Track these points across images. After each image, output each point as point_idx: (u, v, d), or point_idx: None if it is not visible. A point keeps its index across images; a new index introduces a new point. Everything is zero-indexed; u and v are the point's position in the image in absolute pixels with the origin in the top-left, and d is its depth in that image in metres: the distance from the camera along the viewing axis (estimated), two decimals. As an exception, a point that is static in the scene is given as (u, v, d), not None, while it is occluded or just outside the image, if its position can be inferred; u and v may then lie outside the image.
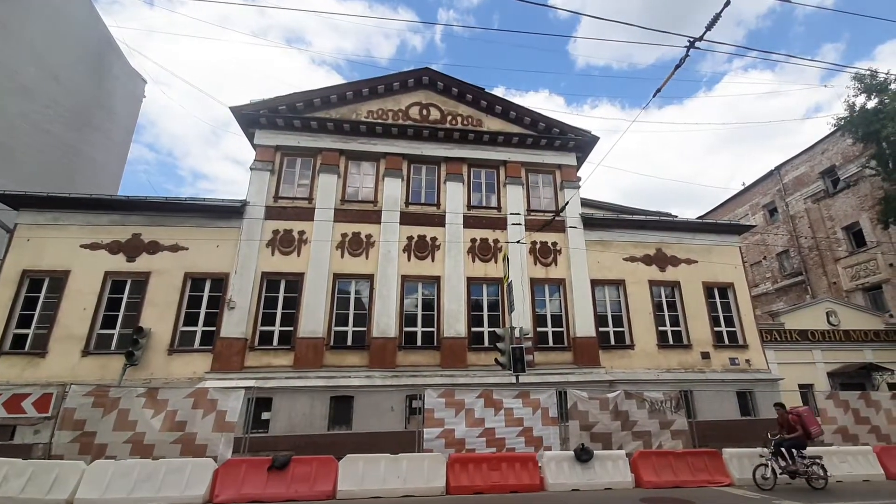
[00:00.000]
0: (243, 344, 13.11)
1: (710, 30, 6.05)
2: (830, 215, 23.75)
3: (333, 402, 12.87)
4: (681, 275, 16.80)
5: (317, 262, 14.15)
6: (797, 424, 9.36)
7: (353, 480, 8.76)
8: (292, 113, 15.26)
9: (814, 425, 9.34)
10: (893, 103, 18.49)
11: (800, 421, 9.35)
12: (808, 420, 9.34)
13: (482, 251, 15.60)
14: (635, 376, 14.87)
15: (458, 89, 16.92)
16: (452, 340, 14.29)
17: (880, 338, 17.94)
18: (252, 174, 14.77)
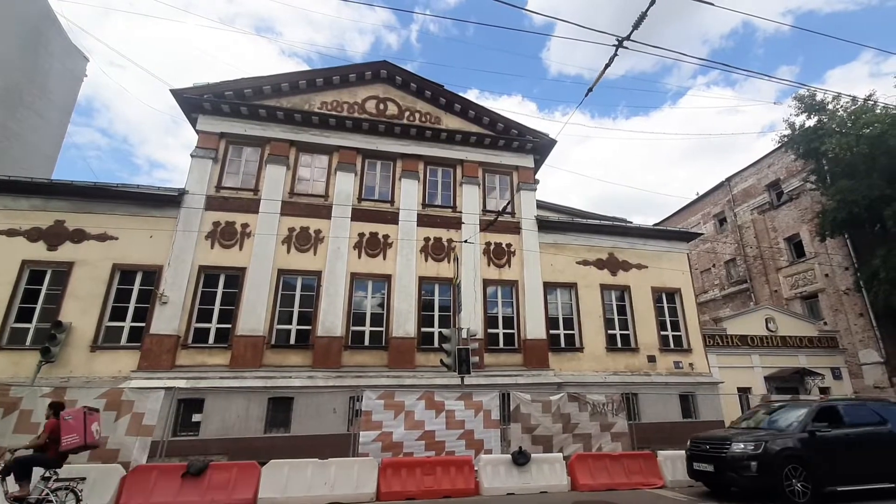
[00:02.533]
0: (175, 341, 12.35)
1: (636, 29, 6.02)
2: (774, 226, 24.84)
3: (272, 403, 12.31)
4: (631, 279, 17.09)
5: (260, 256, 13.52)
6: (53, 433, 6.48)
7: (276, 487, 8.31)
8: (239, 99, 14.54)
9: (72, 433, 6.45)
10: (831, 122, 19.48)
11: (56, 428, 6.47)
12: (68, 427, 6.45)
13: (436, 250, 15.35)
14: (583, 379, 14.98)
15: (417, 85, 16.63)
16: (401, 341, 13.98)
17: (814, 344, 18.85)
18: (192, 161, 13.97)
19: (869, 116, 17.97)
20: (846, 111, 19.36)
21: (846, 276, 20.59)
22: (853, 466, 8.07)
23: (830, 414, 8.54)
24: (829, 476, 7.83)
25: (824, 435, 8.11)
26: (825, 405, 8.80)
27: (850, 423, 8.47)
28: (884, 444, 8.43)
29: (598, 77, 7.13)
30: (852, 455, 8.14)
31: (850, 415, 8.65)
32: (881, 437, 8.47)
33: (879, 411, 8.89)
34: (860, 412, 8.80)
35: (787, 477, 7.61)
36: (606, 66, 6.77)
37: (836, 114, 19.57)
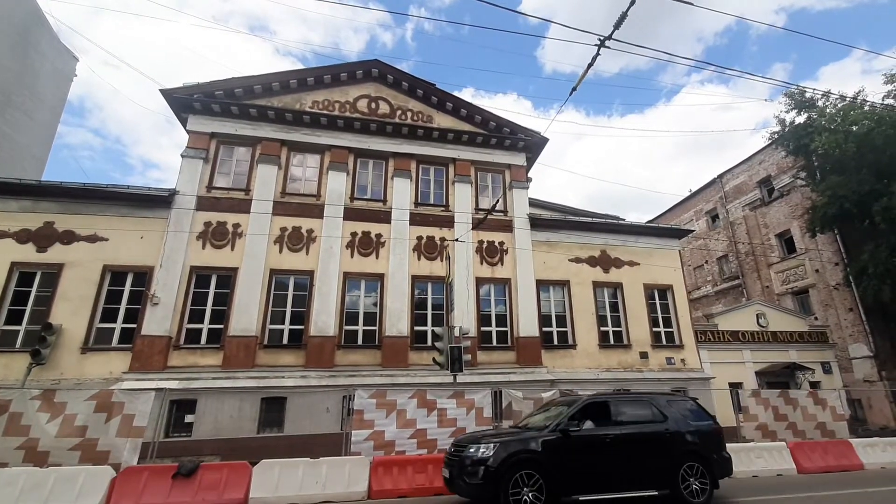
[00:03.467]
0: (167, 342, 12.32)
1: (617, 28, 6.07)
2: (766, 223, 25.02)
3: (265, 403, 12.30)
4: (624, 276, 17.18)
5: (252, 256, 13.50)
6: None
7: (267, 487, 8.31)
8: (230, 99, 14.50)
9: None
10: (821, 119, 19.64)
11: None
12: None
13: (428, 249, 15.37)
14: (576, 376, 15.06)
15: (408, 84, 16.62)
16: (394, 339, 14.00)
17: (804, 339, 19.03)
18: (183, 162, 13.92)
19: (857, 114, 18.12)
20: (835, 108, 19.53)
21: (836, 272, 20.78)
22: (612, 471, 7.13)
23: (599, 410, 7.67)
24: (574, 483, 6.86)
25: (579, 435, 7.14)
26: (593, 400, 7.90)
27: (620, 420, 7.62)
28: (654, 445, 7.47)
29: (582, 76, 7.20)
30: (612, 458, 7.19)
31: (623, 411, 7.77)
32: (653, 437, 7.53)
33: (662, 407, 7.96)
34: (636, 408, 7.91)
35: (518, 484, 6.59)
36: (589, 65, 6.85)
37: (825, 111, 19.72)
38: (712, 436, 7.94)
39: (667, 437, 7.59)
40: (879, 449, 11.61)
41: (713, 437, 7.95)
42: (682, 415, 7.98)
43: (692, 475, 7.33)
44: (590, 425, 7.42)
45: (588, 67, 7.05)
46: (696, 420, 8.04)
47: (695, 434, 7.76)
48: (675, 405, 8.15)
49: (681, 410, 8.06)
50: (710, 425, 8.08)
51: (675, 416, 7.87)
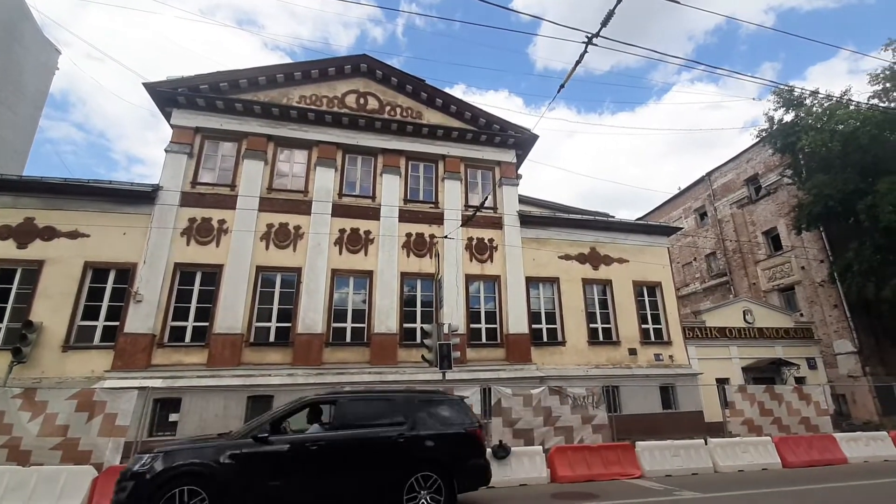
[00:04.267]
0: (150, 340, 12.11)
1: (605, 26, 6.03)
2: (753, 220, 25.28)
3: (251, 401, 12.15)
4: (613, 273, 17.24)
5: (238, 253, 13.31)
6: None
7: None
8: (215, 93, 14.25)
9: None
10: (808, 118, 19.84)
11: None
12: None
13: (418, 246, 15.29)
14: (565, 372, 15.08)
15: (397, 79, 16.49)
16: (383, 337, 13.91)
17: (790, 335, 19.28)
18: (167, 157, 13.66)
19: (843, 113, 18.31)
20: (822, 108, 19.73)
21: (821, 269, 21.06)
22: (318, 485, 6.06)
23: (321, 412, 6.86)
24: (260, 502, 5.85)
25: (282, 442, 6.12)
26: (316, 400, 6.89)
27: (350, 424, 6.52)
28: (380, 453, 6.41)
29: (570, 73, 7.16)
30: (320, 469, 6.11)
31: (356, 413, 6.65)
32: (379, 444, 6.45)
33: (407, 408, 6.89)
34: (375, 409, 6.83)
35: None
36: (577, 62, 6.81)
37: (812, 110, 19.92)
38: (462, 441, 6.88)
39: (399, 443, 6.51)
40: (862, 443, 11.77)
41: (464, 442, 6.90)
42: (433, 417, 6.97)
43: (424, 487, 6.37)
44: (316, 429, 6.51)
45: (576, 65, 7.00)
46: (449, 423, 6.99)
47: (438, 439, 6.72)
48: (427, 406, 7.09)
49: (432, 412, 7.03)
50: (464, 428, 6.98)
51: (422, 418, 6.86)
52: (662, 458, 10.15)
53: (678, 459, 10.19)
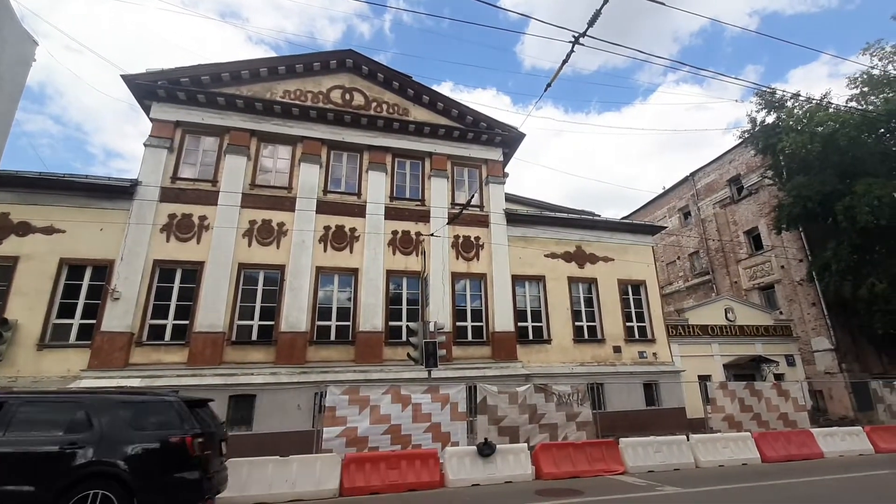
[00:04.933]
0: (128, 339, 11.83)
1: (591, 26, 6.06)
2: (735, 220, 25.69)
3: (233, 401, 11.95)
4: (598, 272, 17.37)
5: (219, 250, 13.06)
6: None
7: (235, 487, 8.03)
8: (196, 87, 13.94)
9: None
10: (789, 120, 20.19)
11: None
12: None
13: (404, 244, 15.20)
14: (551, 370, 15.15)
15: (384, 75, 16.34)
16: (368, 335, 13.80)
17: (769, 332, 19.64)
18: (146, 151, 13.34)
19: (822, 116, 18.65)
20: (802, 110, 20.09)
21: (800, 268, 21.49)
22: None
23: None
24: None
25: None
26: None
27: (7, 429, 5.49)
28: (32, 468, 5.34)
29: (557, 72, 7.18)
30: None
31: (22, 419, 5.62)
32: (31, 456, 5.41)
33: (92, 413, 5.82)
34: (50, 414, 5.82)
35: None
36: (564, 61, 6.86)
37: (793, 112, 20.27)
38: (160, 452, 5.82)
39: (65, 454, 5.47)
40: (839, 438, 12.04)
41: (161, 453, 5.82)
42: (129, 424, 5.90)
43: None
44: None
45: (563, 64, 7.02)
46: (150, 430, 5.93)
47: (120, 448, 5.66)
48: (123, 410, 5.99)
49: (129, 418, 5.94)
50: (166, 437, 5.87)
51: (112, 425, 5.81)
52: (645, 454, 10.25)
53: (661, 455, 10.31)
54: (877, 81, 18.75)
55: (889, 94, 18.18)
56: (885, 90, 18.45)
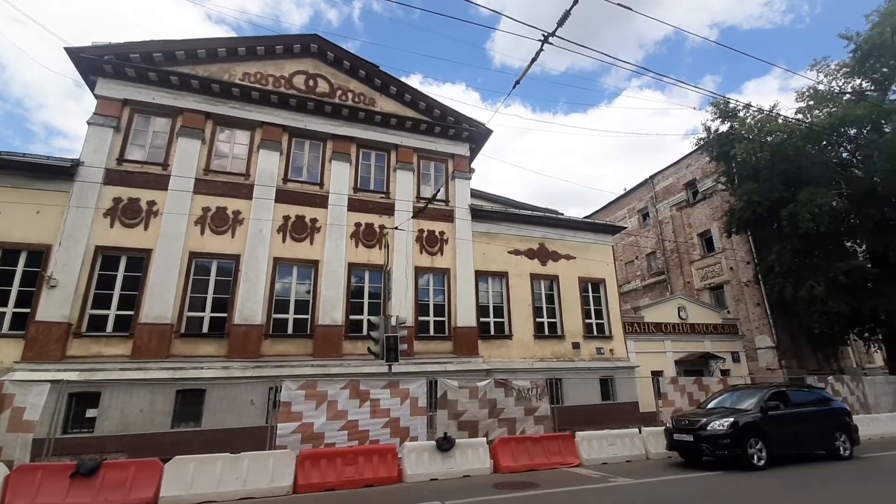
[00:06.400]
0: (66, 329, 11.03)
1: (560, 26, 6.11)
2: (690, 222, 26.78)
3: (180, 396, 11.38)
4: (560, 269, 17.66)
5: (169, 237, 12.36)
6: None
7: (180, 485, 7.67)
8: (148, 63, 13.11)
9: None
10: (741, 129, 21.16)
11: None
12: None
13: (367, 236, 14.91)
14: (511, 365, 15.30)
15: (350, 63, 15.92)
16: (328, 328, 13.47)
17: (718, 330, 20.61)
18: (89, 129, 12.43)
19: (772, 126, 19.63)
20: (754, 120, 21.10)
21: (747, 270, 22.64)
22: None
23: None
24: None
25: None
26: None
27: None
28: None
29: (525, 70, 7.23)
30: None
31: None
32: None
33: None
34: None
35: None
36: (533, 60, 6.91)
37: (745, 121, 21.26)
38: None
39: None
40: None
41: None
42: None
43: None
44: None
45: (531, 62, 7.05)
46: None
47: None
48: None
49: None
50: None
51: None
52: (600, 446, 10.49)
53: (614, 448, 10.59)
54: (822, 96, 19.93)
55: (832, 108, 19.36)
56: (829, 105, 19.64)
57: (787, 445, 9.42)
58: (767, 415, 9.37)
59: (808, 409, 10.10)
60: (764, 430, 9.15)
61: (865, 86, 20.53)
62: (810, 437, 9.87)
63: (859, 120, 18.10)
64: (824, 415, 10.23)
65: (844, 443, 10.11)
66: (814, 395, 10.87)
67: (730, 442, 8.86)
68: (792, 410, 9.81)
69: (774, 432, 9.24)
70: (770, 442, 9.11)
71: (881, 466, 9.59)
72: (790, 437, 9.53)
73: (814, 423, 9.96)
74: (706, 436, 9.13)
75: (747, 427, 9.06)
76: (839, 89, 20.53)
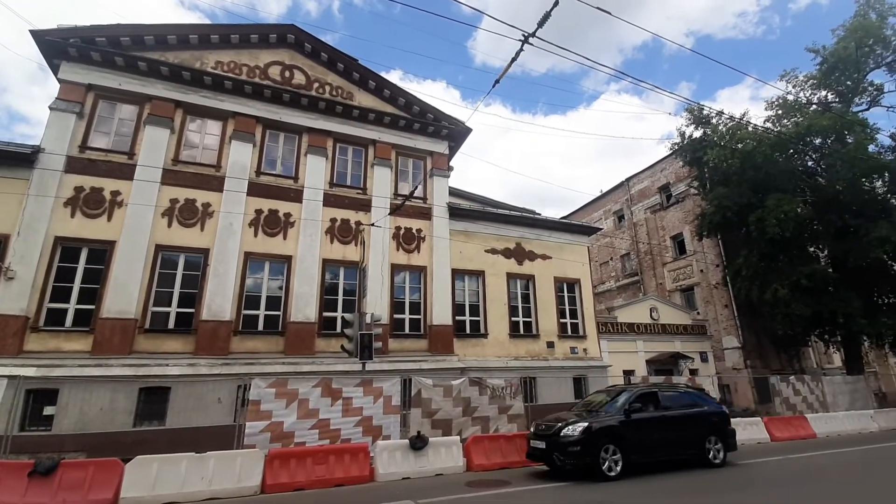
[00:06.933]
0: (23, 323, 10.51)
1: (541, 27, 6.12)
2: (663, 225, 27.39)
3: (144, 394, 10.97)
4: (536, 269, 17.79)
5: (134, 229, 11.89)
6: None
7: (142, 486, 7.42)
8: (114, 48, 12.56)
9: None
10: (714, 135, 21.73)
11: None
12: None
13: (342, 232, 14.68)
14: (486, 364, 15.32)
15: (328, 55, 15.63)
16: (300, 325, 13.21)
17: (687, 331, 21.15)
18: (51, 115, 11.82)
19: (742, 133, 20.24)
20: (726, 127, 21.69)
21: (717, 273, 23.30)
22: None
23: None
24: None
25: None
26: None
27: None
28: None
29: (506, 69, 7.22)
30: None
31: None
32: None
33: None
34: None
35: None
36: (513, 59, 6.92)
37: (717, 128, 21.83)
38: None
39: None
40: (740, 428, 13.03)
41: None
42: None
43: None
44: None
45: (511, 61, 7.04)
46: None
47: None
48: None
49: None
50: None
51: None
52: (571, 445, 10.57)
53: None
54: (790, 106, 20.65)
55: (799, 118, 20.07)
56: (797, 115, 20.35)
57: (650, 452, 8.70)
58: (631, 418, 8.63)
59: (677, 413, 9.35)
60: (623, 435, 8.43)
61: (831, 98, 21.38)
62: (678, 442, 9.07)
63: (824, 130, 18.82)
64: (697, 418, 9.47)
65: (718, 449, 9.38)
66: (689, 397, 10.04)
67: (580, 449, 8.06)
68: (659, 413, 9.09)
69: (636, 438, 8.52)
70: (629, 448, 8.39)
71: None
72: (655, 443, 8.76)
73: (684, 427, 9.23)
74: (557, 442, 8.31)
75: (603, 432, 8.35)
76: (806, 100, 21.33)
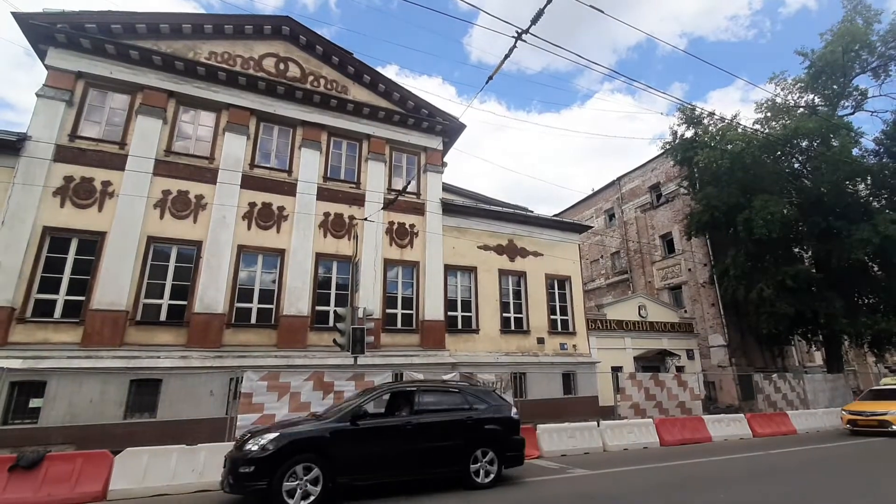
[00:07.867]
0: (9, 314, 10.37)
1: (534, 24, 6.16)
2: (653, 224, 27.71)
3: (134, 386, 10.94)
4: (528, 266, 17.93)
5: (125, 220, 11.77)
6: None
7: (132, 478, 7.39)
8: (105, 35, 12.36)
9: None
10: (704, 136, 21.98)
11: None
12: None
13: (336, 227, 14.68)
14: (477, 359, 15.46)
15: (323, 48, 15.53)
16: (293, 319, 13.22)
17: (675, 329, 21.50)
18: (39, 102, 11.62)
19: (732, 134, 20.48)
20: (716, 128, 21.95)
21: (704, 272, 23.67)
22: None
23: None
24: None
25: None
26: None
27: None
28: None
29: (499, 65, 7.24)
30: None
31: None
32: None
33: None
34: None
35: None
36: (506, 56, 6.93)
37: (708, 129, 22.09)
38: None
39: None
40: (724, 424, 13.45)
41: None
42: None
43: None
44: None
45: (505, 57, 7.06)
46: None
47: None
48: None
49: None
50: None
51: None
52: (560, 439, 10.79)
53: (573, 440, 10.90)
54: (778, 109, 20.96)
55: (787, 120, 20.39)
56: (784, 117, 20.68)
57: (379, 471, 6.77)
58: (358, 426, 6.71)
59: (432, 419, 7.29)
60: (330, 449, 6.40)
61: (818, 101, 21.73)
62: (431, 457, 7.11)
63: (810, 133, 19.14)
64: (461, 426, 7.43)
65: (489, 464, 7.42)
66: (461, 397, 7.88)
67: (253, 471, 6.01)
68: (401, 420, 7.20)
69: (357, 453, 6.61)
70: (341, 467, 6.41)
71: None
72: (390, 460, 6.85)
73: (442, 436, 7.22)
74: (234, 461, 6.28)
75: (295, 446, 6.27)
76: (794, 103, 21.65)
